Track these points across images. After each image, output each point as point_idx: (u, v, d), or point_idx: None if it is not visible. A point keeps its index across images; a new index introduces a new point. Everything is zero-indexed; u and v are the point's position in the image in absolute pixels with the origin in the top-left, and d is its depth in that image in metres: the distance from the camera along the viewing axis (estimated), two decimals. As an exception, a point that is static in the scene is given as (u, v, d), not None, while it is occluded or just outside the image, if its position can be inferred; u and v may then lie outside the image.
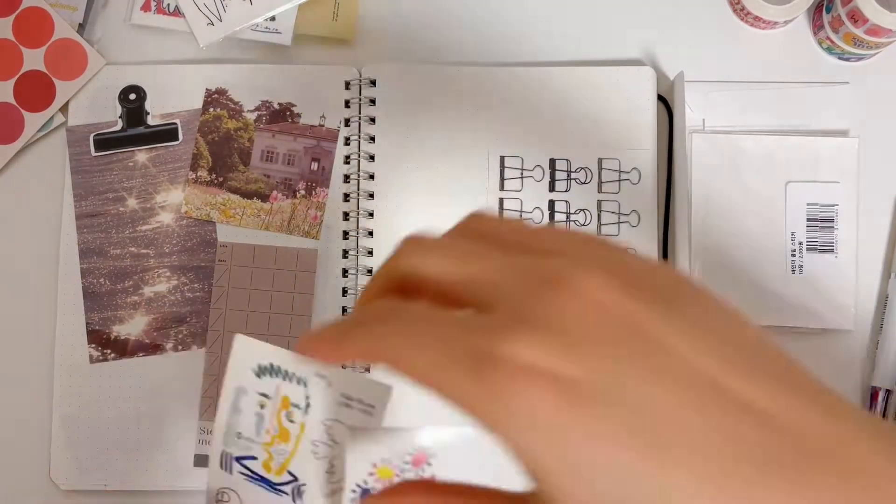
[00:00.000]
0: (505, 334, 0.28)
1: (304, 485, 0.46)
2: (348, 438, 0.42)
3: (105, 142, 0.72)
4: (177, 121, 0.72)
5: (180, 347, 0.69)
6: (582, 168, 0.71)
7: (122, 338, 0.69)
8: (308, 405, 0.44)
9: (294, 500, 0.46)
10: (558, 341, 0.28)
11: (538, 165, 0.71)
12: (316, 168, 0.71)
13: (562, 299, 0.29)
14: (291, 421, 0.45)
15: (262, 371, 0.44)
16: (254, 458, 0.47)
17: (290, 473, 0.46)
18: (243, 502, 0.47)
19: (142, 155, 0.72)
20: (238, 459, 0.47)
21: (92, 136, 0.72)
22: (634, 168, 0.70)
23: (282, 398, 0.45)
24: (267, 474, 0.47)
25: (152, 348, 0.69)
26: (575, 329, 0.29)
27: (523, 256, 0.31)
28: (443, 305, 0.32)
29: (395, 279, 0.34)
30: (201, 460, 0.68)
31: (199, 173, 0.71)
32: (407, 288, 0.34)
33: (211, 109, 0.72)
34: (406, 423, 0.39)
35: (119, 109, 0.72)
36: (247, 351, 0.45)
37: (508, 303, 0.30)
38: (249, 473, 0.47)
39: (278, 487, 0.46)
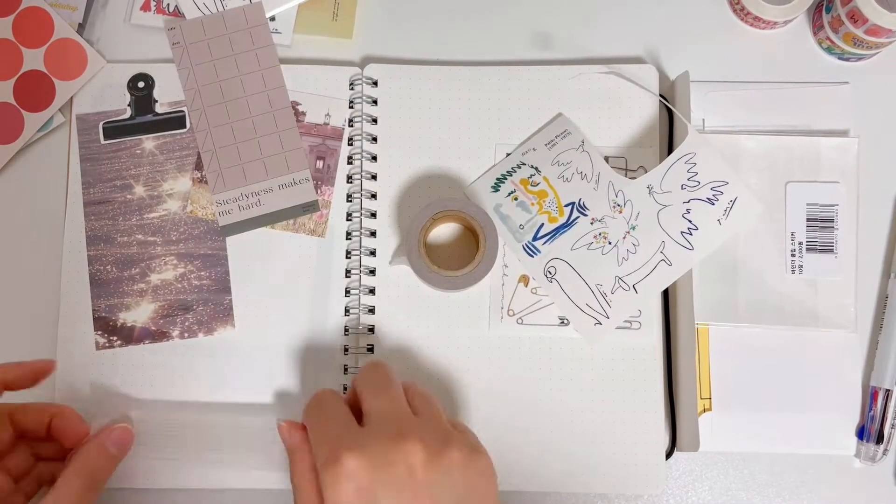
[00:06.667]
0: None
1: (580, 199, 0.68)
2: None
3: (114, 129, 0.72)
4: (184, 108, 0.72)
5: (186, 335, 0.69)
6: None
7: (129, 325, 0.69)
8: (535, 168, 0.69)
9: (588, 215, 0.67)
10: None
11: (540, 165, 0.72)
12: (321, 166, 0.71)
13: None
14: (536, 184, 0.69)
15: (497, 184, 0.70)
16: (541, 225, 0.68)
17: (567, 205, 0.68)
18: (567, 261, 0.67)
19: (149, 143, 0.72)
20: (534, 239, 0.68)
21: (101, 123, 0.72)
22: (641, 166, 0.70)
23: (520, 181, 0.70)
24: (557, 223, 0.68)
25: (158, 335, 0.69)
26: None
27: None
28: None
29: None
30: (228, 229, 0.70)
31: (204, 173, 0.71)
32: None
33: (217, 108, 0.72)
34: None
35: (128, 97, 0.72)
36: (478, 195, 0.70)
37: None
38: (550, 235, 0.68)
39: (571, 221, 0.68)
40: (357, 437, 0.54)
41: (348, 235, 0.70)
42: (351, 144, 0.72)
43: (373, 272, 0.70)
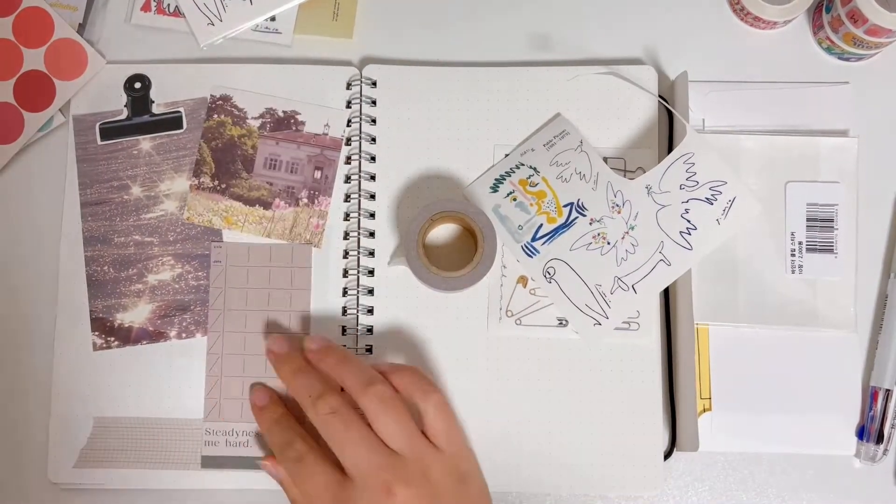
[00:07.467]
0: None
1: (579, 199, 0.68)
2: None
3: (110, 130, 0.72)
4: (181, 109, 0.72)
5: (184, 335, 0.69)
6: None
7: (126, 325, 0.69)
8: (534, 169, 0.69)
9: (586, 215, 0.67)
10: None
11: (539, 166, 0.72)
12: (319, 176, 0.71)
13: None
14: (535, 184, 0.69)
15: (496, 184, 0.69)
16: (540, 225, 0.68)
17: (566, 206, 0.68)
18: (566, 261, 0.67)
19: (146, 143, 0.72)
20: (533, 240, 0.68)
21: (98, 124, 0.72)
22: (639, 167, 0.70)
23: (518, 182, 0.69)
24: (556, 223, 0.68)
25: (156, 336, 0.69)
26: None
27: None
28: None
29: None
30: (209, 461, 0.68)
31: (202, 179, 0.71)
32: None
33: (215, 116, 0.72)
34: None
35: (124, 98, 0.72)
36: (477, 196, 0.70)
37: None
38: (549, 235, 0.68)
39: (569, 221, 0.68)
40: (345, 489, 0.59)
41: (346, 236, 0.70)
42: (349, 145, 0.71)
43: (371, 273, 0.70)
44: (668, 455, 0.68)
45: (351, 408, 0.61)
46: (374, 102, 0.72)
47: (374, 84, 0.72)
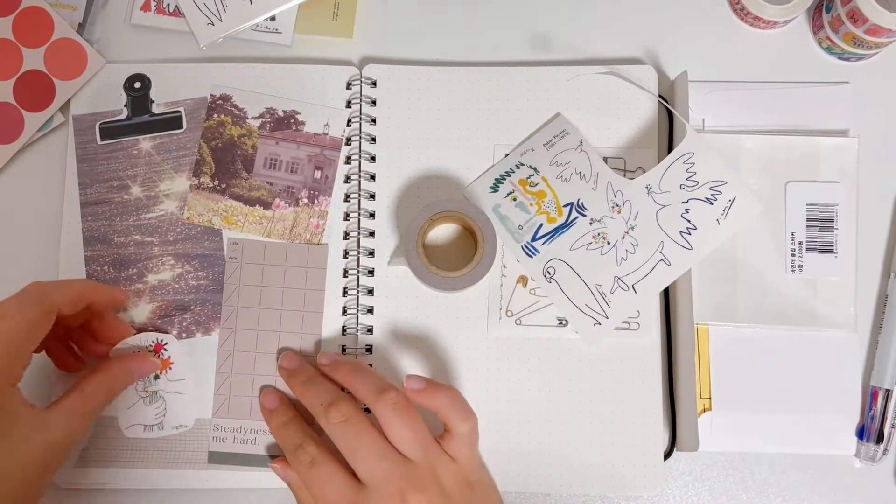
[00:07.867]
0: None
1: (579, 199, 0.68)
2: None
3: (110, 130, 0.72)
4: (181, 109, 0.72)
5: (184, 335, 0.69)
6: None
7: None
8: (534, 169, 0.69)
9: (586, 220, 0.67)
10: None
11: (539, 166, 0.72)
12: (319, 176, 0.71)
13: None
14: (535, 184, 0.69)
15: (496, 184, 0.69)
16: (540, 225, 0.68)
17: (566, 206, 0.68)
18: (566, 261, 0.67)
19: (146, 143, 0.72)
20: (533, 239, 0.68)
21: (98, 124, 0.72)
22: (639, 167, 0.70)
23: (518, 182, 0.69)
24: (556, 223, 0.68)
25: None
26: None
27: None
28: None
29: None
30: (216, 457, 0.68)
31: (201, 179, 0.71)
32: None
33: (215, 116, 0.72)
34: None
35: (124, 98, 0.72)
36: (477, 196, 0.70)
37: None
38: (549, 235, 0.68)
39: (569, 221, 0.68)
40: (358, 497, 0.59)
41: (346, 235, 0.70)
42: (349, 144, 0.71)
43: (371, 272, 0.70)
44: (668, 455, 0.68)
45: (363, 415, 0.61)
46: (374, 102, 0.72)
47: (374, 84, 0.72)
